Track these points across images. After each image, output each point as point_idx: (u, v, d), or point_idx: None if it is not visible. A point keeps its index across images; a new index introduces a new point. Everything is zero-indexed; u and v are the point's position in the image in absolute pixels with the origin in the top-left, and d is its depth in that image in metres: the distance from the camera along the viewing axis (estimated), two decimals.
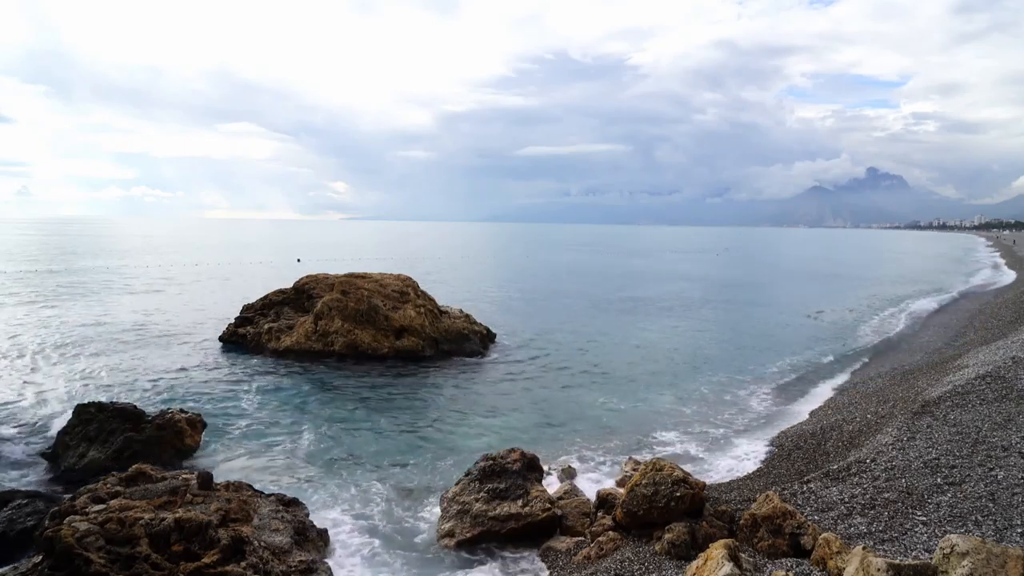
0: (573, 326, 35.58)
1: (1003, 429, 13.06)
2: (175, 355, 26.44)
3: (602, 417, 19.52)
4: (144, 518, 9.57)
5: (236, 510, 10.69)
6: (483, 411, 20.09)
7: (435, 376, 24.37)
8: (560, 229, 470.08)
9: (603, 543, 10.80)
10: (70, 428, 15.73)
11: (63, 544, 8.73)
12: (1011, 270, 76.05)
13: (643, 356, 28.26)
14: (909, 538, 9.15)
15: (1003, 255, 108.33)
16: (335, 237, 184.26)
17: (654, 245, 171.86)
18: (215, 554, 9.33)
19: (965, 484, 10.63)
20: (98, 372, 23.50)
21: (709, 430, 18.32)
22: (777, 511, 9.82)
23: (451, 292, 46.26)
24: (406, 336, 27.20)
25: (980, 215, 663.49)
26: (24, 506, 11.42)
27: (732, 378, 24.43)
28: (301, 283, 30.44)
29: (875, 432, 15.04)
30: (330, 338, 26.58)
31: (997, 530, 8.97)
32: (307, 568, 10.07)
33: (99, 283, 52.04)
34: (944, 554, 6.57)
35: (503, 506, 12.06)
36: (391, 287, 29.03)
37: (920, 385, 19.33)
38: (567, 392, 22.41)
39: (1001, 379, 17.03)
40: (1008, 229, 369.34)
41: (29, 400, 19.97)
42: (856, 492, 11.04)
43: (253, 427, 18.08)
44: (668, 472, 10.91)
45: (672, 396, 21.87)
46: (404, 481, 14.64)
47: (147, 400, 20.09)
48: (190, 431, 15.93)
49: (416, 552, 11.67)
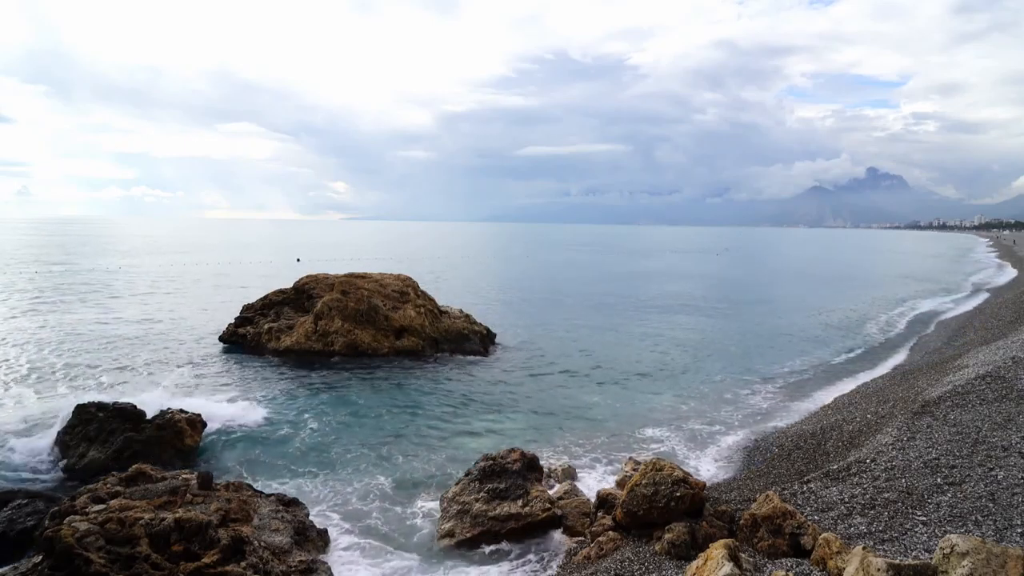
0: (573, 326, 35.58)
1: (1003, 429, 13.06)
2: (175, 355, 26.44)
3: (602, 417, 19.51)
4: (144, 518, 9.57)
5: (236, 510, 10.69)
6: (483, 411, 20.09)
7: (435, 376, 24.36)
8: (560, 229, 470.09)
9: (603, 543, 10.80)
10: (70, 428, 15.73)
11: (63, 544, 8.72)
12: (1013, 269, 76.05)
13: (643, 356, 28.26)
14: (909, 538, 9.14)
15: (1003, 255, 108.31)
16: (335, 237, 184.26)
17: (654, 245, 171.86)
18: (215, 554, 9.33)
19: (965, 484, 10.63)
20: (98, 372, 23.50)
21: (710, 430, 18.32)
22: (777, 511, 9.82)
23: (451, 292, 46.27)
24: (406, 336, 27.20)
25: (980, 215, 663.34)
26: (24, 506, 11.41)
27: (732, 378, 24.43)
28: (301, 283, 30.44)
29: (875, 432, 15.04)
30: (330, 338, 26.59)
31: (997, 530, 8.97)
32: (307, 568, 10.07)
33: (99, 283, 52.04)
34: (944, 554, 6.57)
35: (503, 506, 12.06)
36: (391, 287, 29.04)
37: (920, 385, 19.33)
38: (567, 392, 22.40)
39: (1001, 379, 17.03)
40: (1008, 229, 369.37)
41: (29, 400, 19.97)
42: (856, 492, 11.04)
43: (253, 427, 18.07)
44: (668, 472, 10.91)
45: (672, 396, 21.87)
46: (404, 481, 14.64)
47: (147, 400, 20.08)
48: (190, 431, 15.94)
49: (416, 552, 11.67)
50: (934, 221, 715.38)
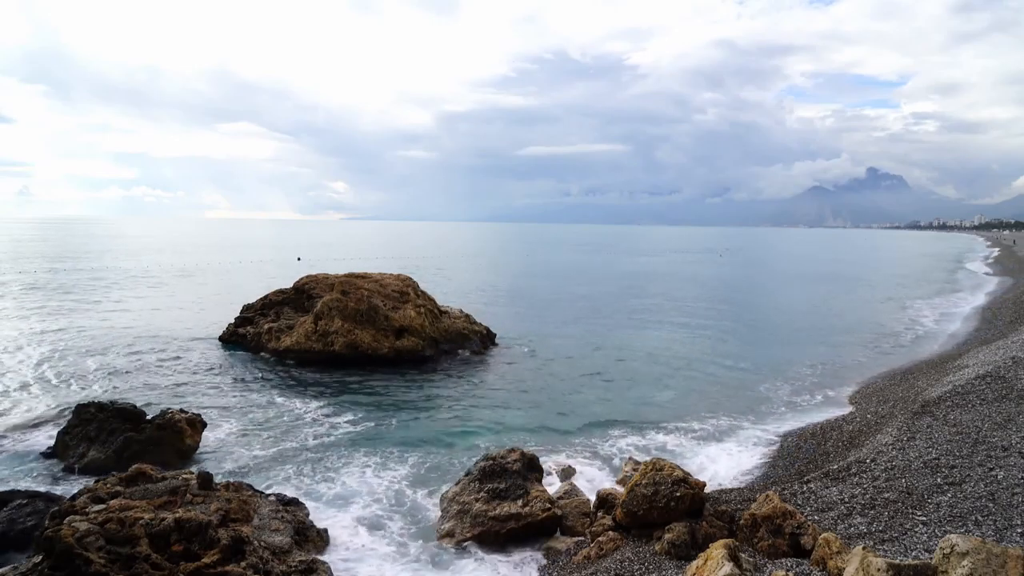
0: (573, 326, 35.59)
1: (1003, 429, 13.07)
2: (175, 355, 26.44)
3: (602, 417, 19.50)
4: (144, 518, 9.57)
5: (236, 510, 10.69)
6: (483, 411, 20.09)
7: (435, 376, 24.37)
8: (560, 229, 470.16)
9: (603, 543, 10.80)
10: (70, 428, 15.74)
11: (63, 544, 8.72)
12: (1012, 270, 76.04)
13: (643, 356, 28.25)
14: (909, 538, 9.14)
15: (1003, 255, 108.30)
16: (335, 237, 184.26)
17: (654, 245, 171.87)
18: (215, 554, 9.33)
19: (965, 484, 10.62)
20: (98, 372, 23.50)
21: (709, 430, 18.31)
22: (777, 511, 9.82)
23: (451, 292, 46.28)
24: (406, 336, 27.20)
25: (980, 215, 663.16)
26: (24, 506, 11.41)
27: (733, 378, 24.42)
28: (301, 283, 30.44)
29: (875, 432, 15.04)
30: (330, 338, 26.57)
31: (997, 530, 8.97)
32: (307, 568, 10.07)
33: (100, 283, 52.06)
34: (944, 554, 6.57)
35: (503, 506, 12.06)
36: (391, 287, 29.03)
37: (920, 385, 19.34)
38: (567, 392, 22.40)
39: (1001, 379, 17.04)
40: (1008, 229, 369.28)
41: (29, 400, 19.99)
42: (856, 492, 11.04)
43: (253, 427, 18.08)
44: (668, 472, 10.91)
45: (672, 396, 21.86)
46: (404, 481, 14.64)
47: (147, 400, 20.09)
48: (190, 431, 15.93)
49: (416, 552, 11.66)
50: (934, 221, 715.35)
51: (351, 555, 11.48)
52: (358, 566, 11.14)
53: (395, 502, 13.61)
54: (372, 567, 11.14)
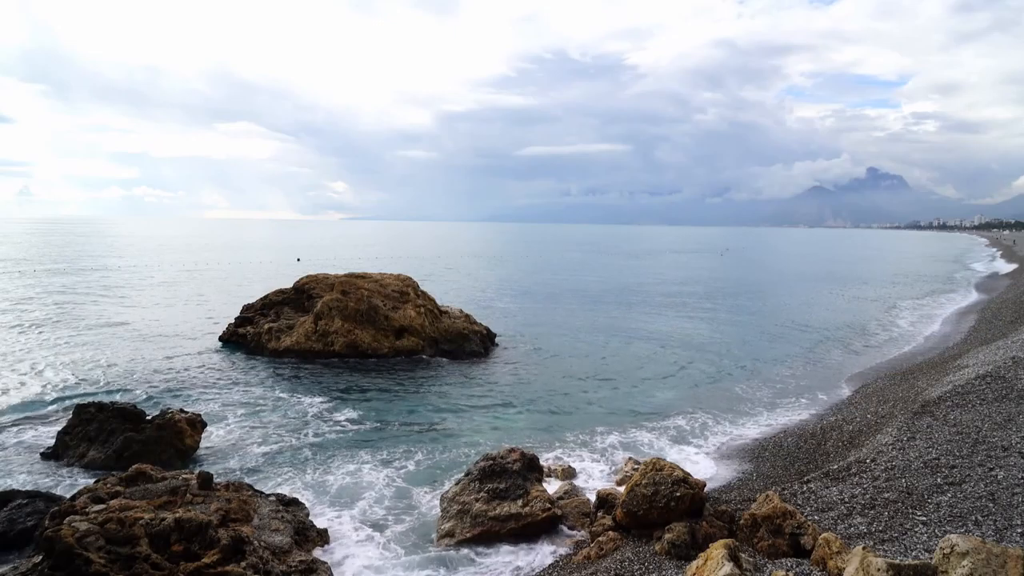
0: (573, 327, 35.58)
1: (1003, 429, 13.07)
2: (175, 355, 26.44)
3: (602, 417, 19.51)
4: (144, 518, 9.57)
5: (236, 510, 10.69)
6: (483, 411, 20.09)
7: (435, 376, 24.36)
8: (560, 229, 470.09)
9: (603, 543, 10.80)
10: (70, 428, 15.74)
11: (63, 544, 8.72)
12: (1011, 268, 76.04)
13: (643, 356, 28.26)
14: (909, 538, 9.14)
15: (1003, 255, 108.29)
16: (335, 237, 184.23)
17: (654, 245, 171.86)
18: (215, 554, 9.33)
19: (965, 484, 10.62)
20: (98, 372, 23.50)
21: (710, 430, 18.32)
22: (777, 511, 9.82)
23: (451, 292, 46.28)
24: (406, 336, 27.20)
25: (980, 215, 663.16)
26: (24, 506, 11.42)
27: (733, 378, 24.44)
28: (301, 283, 30.44)
29: (875, 432, 15.04)
30: (330, 338, 26.58)
31: (997, 530, 8.97)
32: (307, 568, 10.07)
33: (100, 283, 52.07)
34: (944, 554, 6.57)
35: (503, 506, 12.06)
36: (391, 287, 29.03)
37: (920, 385, 19.34)
38: (567, 392, 22.40)
39: (1001, 379, 17.04)
40: (1008, 229, 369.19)
41: (29, 400, 19.98)
42: (856, 492, 11.04)
43: (253, 427, 18.08)
44: (668, 472, 10.91)
45: (673, 397, 21.87)
46: (404, 481, 14.64)
47: (147, 400, 20.10)
48: (190, 431, 15.93)
49: (416, 552, 11.66)
50: (934, 221, 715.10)
51: (351, 555, 11.48)
52: (358, 566, 11.14)
53: (395, 502, 13.61)
54: (372, 567, 11.14)
